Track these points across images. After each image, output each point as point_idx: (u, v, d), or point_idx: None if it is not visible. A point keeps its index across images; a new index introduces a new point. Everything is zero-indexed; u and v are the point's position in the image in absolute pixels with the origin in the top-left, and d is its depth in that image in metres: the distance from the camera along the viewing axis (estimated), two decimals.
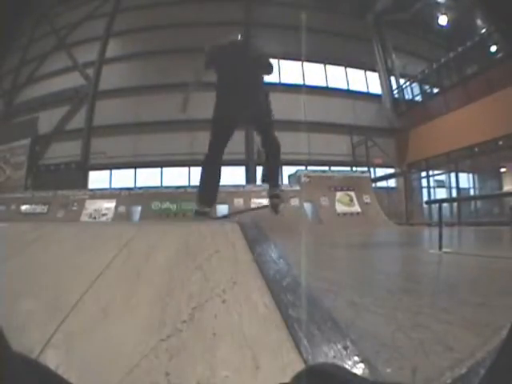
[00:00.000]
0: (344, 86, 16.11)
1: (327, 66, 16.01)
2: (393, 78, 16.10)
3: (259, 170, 14.22)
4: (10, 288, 1.39)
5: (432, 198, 14.26)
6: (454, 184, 13.80)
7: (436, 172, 14.81)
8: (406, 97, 15.66)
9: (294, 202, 11.04)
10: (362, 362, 0.90)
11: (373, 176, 14.18)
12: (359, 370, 0.88)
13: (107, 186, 13.90)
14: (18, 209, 12.20)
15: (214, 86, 3.36)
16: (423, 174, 15.10)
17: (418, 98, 15.29)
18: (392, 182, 15.46)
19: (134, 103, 14.89)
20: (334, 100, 15.52)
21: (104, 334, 1.06)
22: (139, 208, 11.25)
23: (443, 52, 14.10)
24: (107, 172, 14.86)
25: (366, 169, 13.99)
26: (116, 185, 13.92)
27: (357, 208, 11.27)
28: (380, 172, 15.16)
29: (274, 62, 3.44)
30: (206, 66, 3.41)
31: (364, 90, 16.41)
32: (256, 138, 14.16)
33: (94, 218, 11.22)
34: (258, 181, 13.75)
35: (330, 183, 11.60)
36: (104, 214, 11.23)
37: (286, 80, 15.38)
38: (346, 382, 0.40)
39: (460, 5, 13.84)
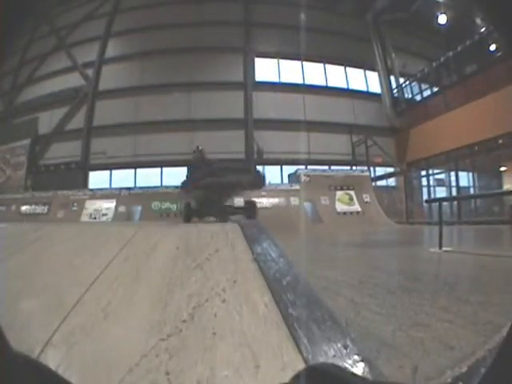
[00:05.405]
0: (344, 86, 16.11)
1: (327, 65, 16.01)
2: (392, 78, 16.10)
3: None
4: (10, 288, 1.39)
5: (432, 196, 14.26)
6: (453, 183, 13.80)
7: (436, 171, 14.81)
8: (406, 96, 15.66)
9: (295, 201, 11.05)
10: (362, 361, 0.90)
11: (373, 175, 14.18)
12: (359, 369, 0.88)
13: (107, 186, 13.90)
14: (18, 209, 12.21)
15: None
16: (423, 172, 15.10)
17: (418, 97, 15.28)
18: (392, 181, 15.46)
19: (133, 103, 14.89)
20: (334, 99, 15.51)
21: (104, 333, 1.06)
22: (139, 208, 11.25)
23: (443, 51, 14.08)
24: (107, 172, 14.86)
25: (365, 168, 13.99)
26: (116, 185, 13.93)
27: (357, 207, 11.28)
28: (380, 171, 15.17)
29: None
30: None
31: (364, 89, 16.42)
32: (256, 138, 14.18)
33: (95, 218, 11.23)
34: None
35: (329, 182, 11.60)
36: (104, 214, 11.23)
37: (285, 79, 15.40)
38: (345, 381, 0.40)
39: (459, 4, 13.82)
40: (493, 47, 11.49)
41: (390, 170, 15.36)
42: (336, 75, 16.19)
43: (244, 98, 14.72)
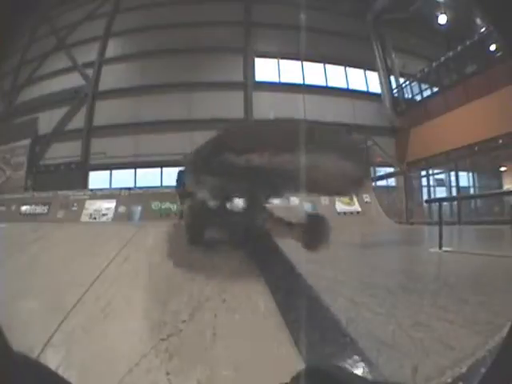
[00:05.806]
0: (344, 86, 16.10)
1: (327, 65, 16.00)
2: (392, 78, 16.09)
3: None
4: (10, 288, 1.39)
5: (432, 196, 14.24)
6: (453, 183, 13.79)
7: (436, 171, 14.80)
8: (406, 96, 15.66)
9: (294, 201, 11.03)
10: (362, 361, 0.90)
11: (373, 175, 14.16)
12: (359, 369, 0.88)
13: (107, 186, 13.89)
14: (18, 209, 12.20)
15: None
16: (423, 172, 15.09)
17: (418, 97, 15.27)
18: (392, 181, 15.44)
19: (133, 103, 14.88)
20: (334, 99, 15.49)
21: (104, 333, 1.06)
22: (139, 208, 11.25)
23: (443, 51, 14.07)
24: (107, 172, 14.85)
25: None
26: (116, 185, 13.91)
27: (357, 207, 11.27)
28: (380, 171, 15.15)
29: None
30: None
31: (364, 89, 16.41)
32: None
33: (94, 218, 11.22)
34: None
35: None
36: (104, 214, 11.23)
37: (285, 79, 15.39)
38: (345, 381, 0.40)
39: (459, 4, 13.81)
40: (493, 47, 11.48)
41: (391, 170, 15.35)
42: (336, 75, 16.17)
43: (244, 98, 14.71)
